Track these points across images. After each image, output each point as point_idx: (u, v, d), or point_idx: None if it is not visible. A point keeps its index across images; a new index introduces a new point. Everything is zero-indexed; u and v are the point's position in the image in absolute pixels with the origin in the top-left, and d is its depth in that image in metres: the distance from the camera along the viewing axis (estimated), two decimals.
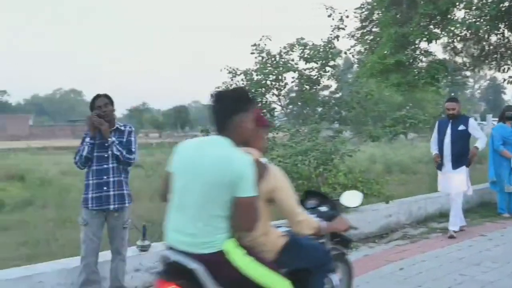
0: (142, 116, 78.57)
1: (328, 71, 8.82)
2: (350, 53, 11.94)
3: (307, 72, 8.77)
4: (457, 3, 10.74)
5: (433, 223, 8.53)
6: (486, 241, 7.33)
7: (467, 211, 8.73)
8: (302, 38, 8.80)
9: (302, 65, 8.75)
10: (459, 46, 12.42)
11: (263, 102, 8.86)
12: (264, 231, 2.99)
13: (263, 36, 8.83)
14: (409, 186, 11.52)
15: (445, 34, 11.12)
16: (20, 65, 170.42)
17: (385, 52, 10.83)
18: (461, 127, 7.51)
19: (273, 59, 8.73)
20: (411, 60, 11.54)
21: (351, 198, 4.05)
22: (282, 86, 8.88)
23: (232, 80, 8.86)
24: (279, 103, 9.09)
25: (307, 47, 8.67)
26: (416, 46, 11.51)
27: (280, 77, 8.70)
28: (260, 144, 3.12)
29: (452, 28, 10.74)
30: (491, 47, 12.15)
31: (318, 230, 3.16)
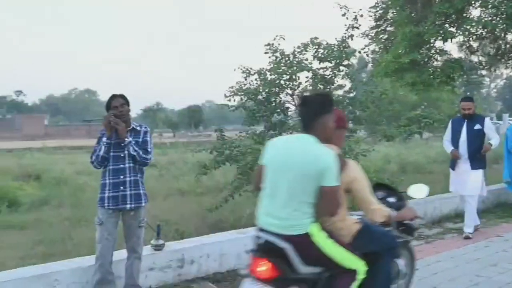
0: (156, 116, 78.94)
1: (342, 71, 8.77)
2: (365, 53, 11.85)
3: (321, 72, 8.73)
4: (473, 2, 10.64)
5: (449, 224, 8.45)
6: (503, 242, 7.25)
7: (483, 212, 8.64)
8: (316, 38, 8.77)
9: (316, 65, 8.71)
10: (475, 45, 12.32)
11: (277, 102, 8.85)
12: (342, 218, 3.41)
13: (277, 36, 8.82)
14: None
15: (461, 33, 11.02)
16: (35, 65, 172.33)
17: (400, 51, 10.77)
18: (477, 127, 7.43)
19: (287, 59, 8.70)
20: (426, 59, 11.45)
21: (418, 190, 4.40)
22: (296, 86, 8.84)
23: (246, 80, 8.85)
24: (293, 103, 9.06)
25: (321, 47, 8.64)
26: (431, 45, 11.41)
27: (294, 77, 8.66)
28: (340, 142, 3.56)
29: (468, 27, 10.63)
30: (508, 46, 12.03)
31: (389, 218, 3.53)
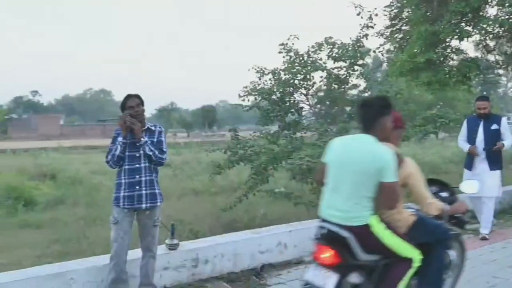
0: (171, 116, 79.26)
1: (357, 70, 8.76)
2: (379, 52, 11.82)
3: (336, 71, 8.72)
4: (490, 0, 10.52)
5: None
6: None
7: (500, 213, 8.53)
8: (331, 37, 8.74)
9: (331, 64, 8.72)
10: (492, 44, 12.16)
11: (291, 102, 8.83)
12: (399, 210, 3.68)
13: (291, 35, 8.81)
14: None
15: (477, 32, 10.88)
16: (51, 65, 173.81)
17: (415, 51, 10.67)
18: (494, 127, 7.31)
19: (301, 58, 8.69)
20: (442, 59, 11.33)
21: (469, 186, 4.71)
22: (310, 86, 8.83)
23: (260, 80, 8.86)
24: (307, 103, 9.06)
25: (336, 46, 8.62)
26: (447, 44, 11.29)
27: (308, 76, 8.66)
28: (397, 141, 3.85)
29: (484, 26, 10.50)
30: None
31: (442, 212, 3.79)
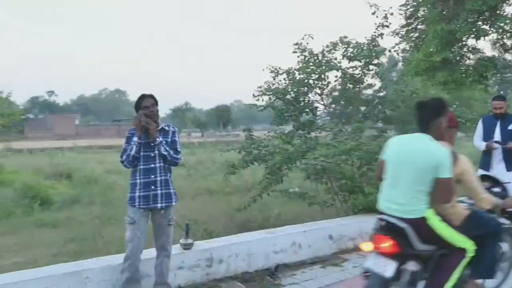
0: (185, 116, 79.55)
1: (372, 70, 8.69)
2: (395, 51, 11.68)
3: (350, 71, 8.66)
4: None
5: None
6: None
7: None
8: (345, 37, 8.69)
9: (345, 64, 8.65)
10: (509, 43, 12.01)
11: (306, 101, 8.80)
12: (453, 204, 3.95)
13: (305, 35, 8.77)
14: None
15: (494, 31, 10.77)
16: (67, 66, 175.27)
17: (431, 50, 10.58)
18: (511, 127, 7.21)
19: (316, 58, 8.65)
20: (458, 58, 11.24)
21: None
22: (325, 85, 8.79)
23: (274, 80, 8.83)
24: (322, 102, 9.01)
25: (351, 46, 8.56)
26: (464, 43, 11.20)
27: (323, 76, 8.61)
28: (451, 139, 4.09)
29: (502, 24, 10.38)
30: None
31: (495, 206, 4.06)
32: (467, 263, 3.78)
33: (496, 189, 4.48)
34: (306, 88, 8.69)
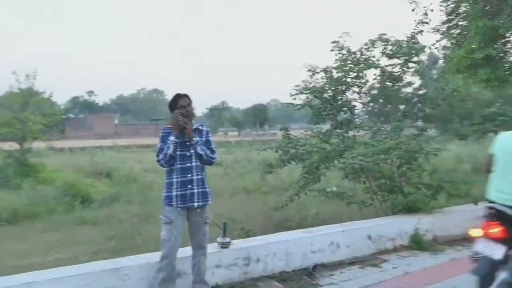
0: (222, 115, 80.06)
1: (412, 67, 8.55)
2: (435, 48, 11.51)
3: (389, 69, 8.53)
4: None
5: None
6: None
7: None
8: (384, 34, 8.57)
9: (384, 62, 8.53)
10: None
11: (343, 100, 8.71)
12: None
13: (343, 33, 8.68)
14: None
15: None
16: (106, 66, 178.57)
17: (473, 46, 10.31)
18: None
19: (354, 56, 8.55)
20: (502, 54, 10.92)
21: None
22: (363, 83, 8.68)
23: (311, 78, 8.78)
24: (360, 101, 8.91)
25: (389, 43, 8.43)
26: (507, 39, 10.87)
27: (361, 74, 8.51)
28: None
29: None
30: None
31: None
32: None
33: None
34: (344, 87, 8.60)
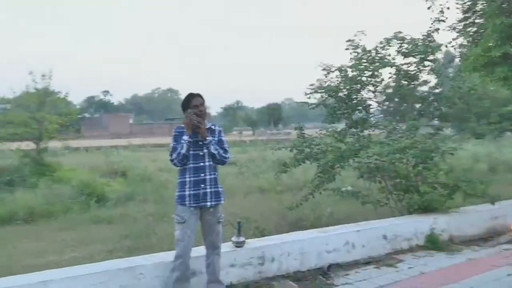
0: (236, 114, 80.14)
1: (428, 66, 8.47)
2: (452, 47, 11.40)
3: (405, 67, 8.47)
4: None
5: None
6: None
7: None
8: (400, 32, 8.50)
9: (400, 60, 8.47)
10: None
11: (358, 99, 8.66)
12: None
13: (358, 32, 8.63)
14: None
15: None
16: (122, 66, 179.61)
17: (490, 44, 10.19)
18: None
19: (369, 55, 8.49)
20: None
21: None
22: (378, 82, 8.62)
23: (326, 77, 8.73)
24: (375, 100, 8.84)
25: (405, 41, 8.36)
26: None
27: (376, 73, 8.45)
28: None
29: None
30: None
31: None
32: None
33: None
34: (359, 86, 8.54)
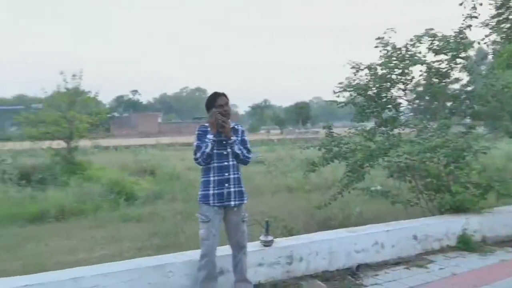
0: (264, 113, 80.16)
1: (459, 63, 8.29)
2: (484, 43, 11.14)
3: (436, 65, 8.31)
4: None
5: None
6: None
7: None
8: (431, 29, 8.35)
9: (431, 58, 8.30)
10: None
11: (388, 97, 8.54)
12: None
13: (388, 29, 8.51)
14: None
15: None
16: (150, 65, 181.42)
17: None
18: None
19: (399, 52, 8.36)
20: None
21: None
22: (409, 80, 8.47)
23: (355, 75, 8.64)
24: (405, 98, 8.71)
25: (436, 38, 8.21)
26: None
27: (406, 71, 8.30)
28: None
29: None
30: None
31: None
32: None
33: None
34: (389, 84, 8.42)
